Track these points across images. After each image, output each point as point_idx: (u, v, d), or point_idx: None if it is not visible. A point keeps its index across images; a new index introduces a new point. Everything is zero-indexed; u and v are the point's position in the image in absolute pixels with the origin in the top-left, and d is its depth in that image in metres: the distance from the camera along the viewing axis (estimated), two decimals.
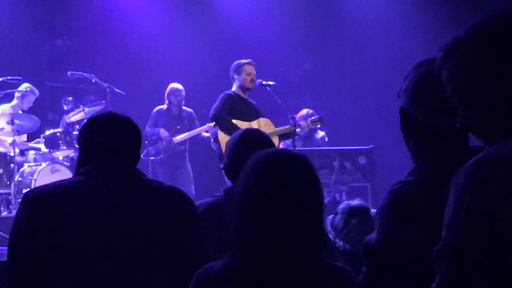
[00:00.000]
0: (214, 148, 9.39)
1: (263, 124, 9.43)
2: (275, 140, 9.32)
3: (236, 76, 9.58)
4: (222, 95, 9.55)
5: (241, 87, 9.55)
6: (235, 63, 9.67)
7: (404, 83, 2.65)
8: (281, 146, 9.75)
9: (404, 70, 2.75)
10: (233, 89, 9.61)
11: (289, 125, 9.41)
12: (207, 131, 10.99)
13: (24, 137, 11.36)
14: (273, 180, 2.53)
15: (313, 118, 9.87)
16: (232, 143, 4.17)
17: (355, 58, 13.39)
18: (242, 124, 9.04)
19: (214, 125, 9.55)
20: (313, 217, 2.54)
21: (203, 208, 4.04)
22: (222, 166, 4.28)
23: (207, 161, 10.99)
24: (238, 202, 2.58)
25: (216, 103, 9.46)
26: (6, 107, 11.17)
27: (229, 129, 9.01)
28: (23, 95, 11.19)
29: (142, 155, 11.44)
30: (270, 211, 2.49)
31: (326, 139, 11.36)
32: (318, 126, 9.90)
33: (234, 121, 9.17)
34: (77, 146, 11.06)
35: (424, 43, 12.15)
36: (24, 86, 11.23)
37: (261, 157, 2.60)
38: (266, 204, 2.50)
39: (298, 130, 9.52)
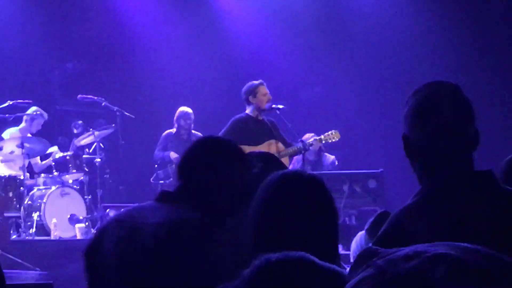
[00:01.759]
0: None
1: (271, 147, 9.42)
2: (285, 160, 9.31)
3: (252, 98, 9.51)
4: (232, 120, 9.53)
5: (258, 109, 9.50)
6: (247, 86, 9.61)
7: (404, 109, 2.66)
8: (290, 166, 9.74)
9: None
10: (247, 111, 9.56)
11: (298, 147, 9.41)
12: None
13: (37, 159, 11.40)
14: (287, 201, 2.54)
15: (328, 133, 9.78)
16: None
17: (365, 82, 13.39)
18: (248, 149, 8.96)
19: None
20: (327, 237, 2.53)
21: None
22: None
23: None
24: (253, 222, 2.57)
25: (223, 129, 9.44)
26: (14, 131, 11.19)
27: None
28: (32, 118, 11.21)
29: (151, 179, 11.45)
30: (284, 230, 2.48)
31: (336, 163, 11.32)
32: (335, 140, 9.81)
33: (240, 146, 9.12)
34: (86, 169, 11.14)
35: (435, 67, 12.17)
36: (33, 109, 11.25)
37: (276, 178, 2.61)
38: (281, 224, 2.50)
39: (308, 148, 9.51)
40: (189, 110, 11.47)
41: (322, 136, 9.78)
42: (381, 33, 13.26)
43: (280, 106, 9.56)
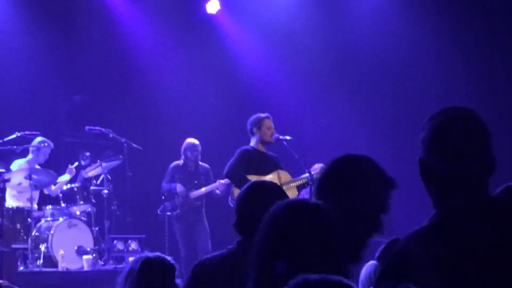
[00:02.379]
0: (232, 205, 9.37)
1: (280, 176, 9.44)
2: (293, 190, 9.31)
3: (256, 130, 9.56)
4: (238, 150, 9.55)
5: (261, 142, 9.55)
6: (253, 117, 9.66)
7: (422, 133, 2.67)
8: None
9: (420, 124, 2.77)
10: (252, 143, 9.61)
11: (305, 178, 9.41)
12: (218, 188, 11.00)
13: (52, 186, 11.42)
14: (292, 229, 2.54)
15: None
16: (239, 198, 4.13)
17: (371, 112, 13.40)
18: (256, 179, 8.98)
19: (229, 182, 9.57)
20: (333, 263, 2.53)
21: (217, 260, 4.04)
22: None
23: (224, 216, 10.97)
24: (258, 250, 2.58)
25: (231, 160, 9.47)
26: (22, 162, 11.23)
27: (244, 184, 8.98)
28: (38, 149, 11.25)
29: (158, 210, 11.45)
30: (290, 258, 2.48)
31: None
32: None
33: (249, 176, 9.14)
34: (94, 201, 11.16)
35: (444, 98, 12.18)
36: (38, 140, 11.30)
37: (281, 207, 2.61)
38: (286, 252, 2.49)
39: (315, 179, 9.52)
40: (196, 141, 11.49)
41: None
42: (388, 64, 13.28)
43: (288, 138, 9.58)
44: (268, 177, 9.18)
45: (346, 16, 13.75)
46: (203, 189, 11.24)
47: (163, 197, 11.53)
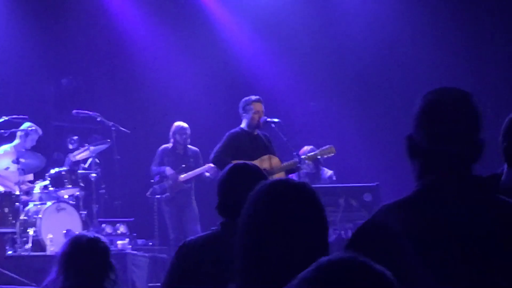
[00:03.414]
0: None
1: (270, 161, 9.42)
2: (282, 175, 9.30)
3: (244, 113, 9.56)
4: (226, 134, 9.54)
5: (249, 125, 9.54)
6: (243, 99, 9.66)
7: (414, 110, 2.68)
8: None
9: (409, 107, 2.77)
10: (242, 125, 9.60)
11: (294, 161, 9.41)
12: (207, 171, 11.01)
13: (30, 176, 11.36)
14: (276, 209, 2.52)
15: (323, 148, 9.82)
16: (220, 181, 4.15)
17: (360, 96, 13.42)
18: None
19: (215, 167, 9.59)
20: (319, 244, 2.53)
21: (201, 241, 4.07)
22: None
23: (213, 199, 10.98)
24: (242, 233, 2.57)
25: (218, 145, 9.46)
26: (8, 147, 11.17)
27: None
28: (26, 134, 11.19)
29: (147, 194, 11.45)
30: (275, 237, 2.48)
31: (334, 178, 11.32)
32: (330, 155, 9.86)
33: (234, 162, 9.12)
34: (82, 184, 11.14)
35: (433, 82, 12.19)
36: (26, 125, 11.24)
37: (264, 187, 2.60)
38: (271, 234, 2.48)
39: (303, 162, 9.54)
40: (185, 125, 11.48)
41: (318, 151, 9.81)
42: (377, 48, 13.29)
43: (276, 120, 9.56)
44: (256, 162, 9.15)
45: (336, 1, 13.75)
46: (192, 172, 11.24)
47: (152, 181, 11.53)
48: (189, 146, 11.52)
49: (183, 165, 11.33)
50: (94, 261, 4.33)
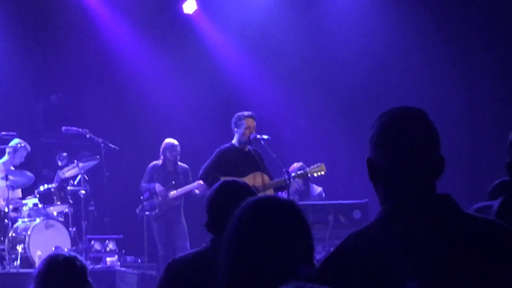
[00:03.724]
0: None
1: (259, 178, 9.40)
2: (271, 192, 9.28)
3: (235, 129, 9.55)
4: (217, 150, 9.53)
5: (240, 141, 9.51)
6: (236, 114, 9.63)
7: (370, 132, 2.68)
8: None
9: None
10: (233, 141, 9.58)
11: (284, 178, 9.40)
12: (197, 188, 11.00)
13: (18, 192, 11.33)
14: (260, 225, 2.51)
15: (314, 166, 9.80)
16: (209, 198, 4.15)
17: (348, 113, 13.44)
18: None
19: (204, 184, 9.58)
20: (303, 261, 2.52)
21: (190, 258, 4.09)
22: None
23: (202, 216, 10.96)
24: (226, 248, 2.57)
25: (208, 160, 9.45)
26: None
27: None
28: (15, 151, 11.18)
29: (137, 210, 11.44)
30: (259, 256, 2.47)
31: (323, 195, 11.32)
32: (321, 173, 9.85)
33: (223, 178, 9.13)
34: (71, 201, 11.11)
35: (422, 100, 12.23)
36: (15, 141, 11.22)
37: (248, 204, 2.59)
38: (255, 250, 2.48)
39: (293, 180, 9.52)
40: (175, 142, 11.49)
41: (308, 170, 9.80)
42: (367, 66, 13.33)
43: (265, 137, 9.54)
44: (246, 179, 9.13)
45: (324, 16, 13.78)
46: (181, 189, 11.23)
47: (142, 197, 11.51)
48: (179, 163, 11.52)
49: (173, 182, 11.32)
50: (71, 280, 4.29)
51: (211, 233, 4.10)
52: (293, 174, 9.61)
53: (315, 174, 9.88)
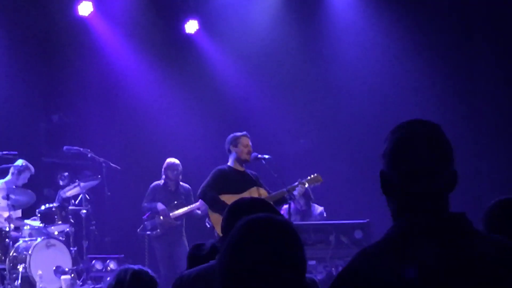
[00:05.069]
0: (208, 226, 9.38)
1: (257, 193, 9.39)
2: None
3: (233, 148, 9.55)
4: (213, 171, 9.54)
5: (238, 160, 9.51)
6: (230, 135, 9.66)
7: (384, 146, 2.66)
8: None
9: None
10: (229, 162, 9.59)
11: (282, 191, 9.40)
12: (198, 208, 11.00)
13: (18, 212, 11.33)
14: (250, 243, 2.53)
15: (310, 176, 9.82)
16: (224, 216, 4.16)
17: (350, 133, 13.45)
18: (230, 198, 8.85)
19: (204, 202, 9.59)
20: (293, 281, 2.53)
21: (194, 274, 4.12)
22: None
23: (204, 236, 10.96)
24: (220, 266, 2.58)
25: (205, 181, 9.46)
26: (0, 183, 11.17)
27: (216, 205, 9.04)
28: (19, 171, 11.19)
29: (138, 230, 11.43)
30: (252, 273, 2.48)
31: (325, 215, 11.32)
32: (318, 183, 9.86)
33: (223, 195, 9.15)
34: (72, 221, 11.11)
35: (421, 117, 12.23)
36: (20, 162, 11.23)
37: (243, 223, 2.60)
38: (246, 267, 2.49)
39: (295, 190, 9.52)
40: (177, 161, 11.49)
41: (305, 180, 9.78)
42: (368, 88, 13.36)
43: (266, 156, 9.55)
44: (244, 195, 9.13)
45: (326, 36, 13.83)
46: (183, 209, 11.23)
47: (143, 217, 11.50)
48: (181, 183, 11.53)
49: (175, 202, 11.33)
50: None
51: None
52: (292, 185, 9.58)
53: (312, 185, 9.90)
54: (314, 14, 13.95)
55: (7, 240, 10.52)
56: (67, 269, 10.64)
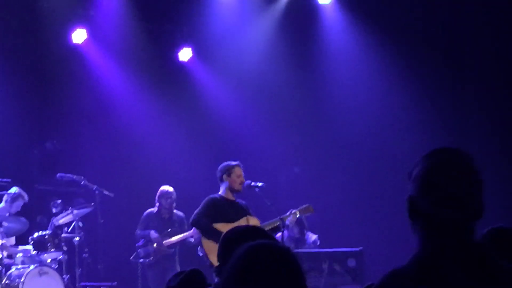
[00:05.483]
0: (200, 254, 9.36)
1: (249, 223, 9.38)
2: None
3: (226, 177, 9.54)
4: (205, 199, 9.53)
5: (230, 189, 9.51)
6: (223, 164, 9.65)
7: (414, 171, 2.68)
8: None
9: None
10: (220, 192, 9.57)
11: (275, 220, 9.40)
12: (192, 236, 10.98)
13: (12, 239, 11.29)
14: (253, 271, 2.53)
15: (302, 207, 9.83)
16: (221, 243, 4.16)
17: (344, 161, 13.48)
18: (223, 226, 8.88)
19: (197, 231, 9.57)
20: None
21: None
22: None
23: (197, 264, 10.93)
24: None
25: (198, 209, 9.45)
26: None
27: (210, 233, 9.02)
28: (13, 199, 11.16)
29: (131, 258, 11.40)
30: None
31: (318, 243, 11.32)
32: (309, 213, 9.88)
33: (216, 224, 9.14)
34: (65, 248, 11.07)
35: (417, 147, 12.29)
36: (14, 189, 11.21)
37: (243, 249, 2.61)
38: None
39: (287, 220, 9.51)
40: (170, 189, 11.49)
41: (296, 210, 9.78)
42: (361, 114, 13.40)
43: (259, 184, 9.55)
44: (235, 225, 9.12)
45: (321, 63, 13.88)
46: (177, 236, 11.21)
47: (136, 245, 11.47)
48: (175, 210, 11.51)
49: (168, 230, 11.31)
50: None
51: (218, 276, 4.14)
52: (285, 215, 9.58)
53: (304, 215, 9.91)
54: (307, 41, 14.02)
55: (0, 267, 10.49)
56: None
